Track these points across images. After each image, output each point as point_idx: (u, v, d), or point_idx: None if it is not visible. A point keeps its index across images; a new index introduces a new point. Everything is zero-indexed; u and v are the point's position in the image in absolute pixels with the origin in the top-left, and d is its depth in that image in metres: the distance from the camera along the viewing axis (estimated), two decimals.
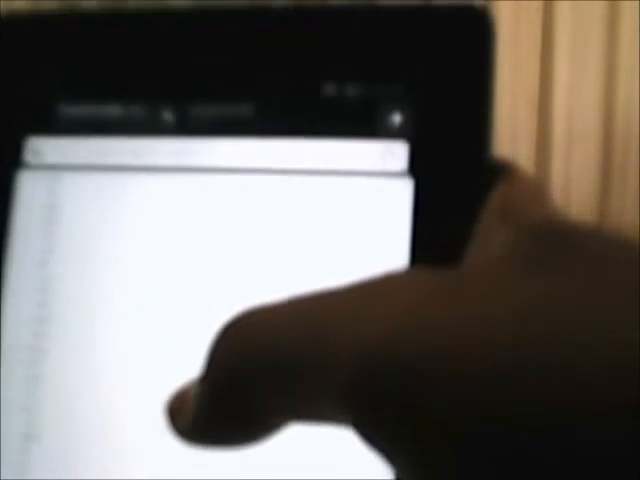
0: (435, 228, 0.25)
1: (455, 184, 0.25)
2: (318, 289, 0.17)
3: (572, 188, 1.73)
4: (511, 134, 1.74)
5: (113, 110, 0.28)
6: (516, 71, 1.69)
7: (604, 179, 1.73)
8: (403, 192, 0.26)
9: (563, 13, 1.67)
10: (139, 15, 0.28)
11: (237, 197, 0.27)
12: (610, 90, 1.69)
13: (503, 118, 1.71)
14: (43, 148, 0.29)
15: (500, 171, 0.24)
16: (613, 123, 1.70)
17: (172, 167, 0.28)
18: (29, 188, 0.29)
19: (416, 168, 0.25)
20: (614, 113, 1.70)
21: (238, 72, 0.27)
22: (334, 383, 0.15)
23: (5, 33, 0.29)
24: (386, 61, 0.26)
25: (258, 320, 0.17)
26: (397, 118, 0.26)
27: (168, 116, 0.28)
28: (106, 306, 0.28)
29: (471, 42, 0.25)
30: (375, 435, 0.15)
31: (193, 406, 0.18)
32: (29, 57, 0.29)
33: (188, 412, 0.19)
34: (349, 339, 0.16)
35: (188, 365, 0.19)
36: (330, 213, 0.26)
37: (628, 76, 1.68)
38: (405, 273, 0.17)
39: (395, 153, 0.26)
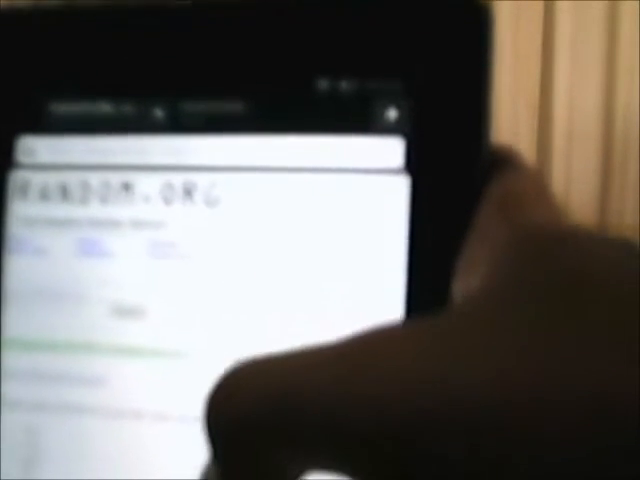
0: (433, 226, 0.25)
1: (453, 180, 0.24)
2: (310, 344, 0.17)
3: (572, 188, 1.73)
4: (511, 134, 1.74)
5: (104, 108, 0.28)
6: (516, 71, 1.68)
7: (604, 179, 1.73)
8: (400, 189, 0.25)
9: (563, 13, 1.67)
10: (129, 12, 0.28)
11: (230, 195, 0.27)
12: (610, 90, 1.69)
13: (503, 118, 1.71)
14: (35, 147, 0.29)
15: (500, 161, 0.24)
16: (613, 123, 1.70)
17: (164, 165, 0.27)
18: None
19: (413, 164, 0.25)
20: (614, 113, 1.70)
21: (230, 68, 0.26)
22: (333, 431, 0.15)
23: None
24: (381, 55, 0.25)
25: (244, 381, 0.17)
26: (393, 113, 0.25)
27: (159, 113, 0.27)
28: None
29: (469, 35, 0.25)
30: None
31: None
32: (19, 56, 0.28)
33: None
34: (348, 389, 0.15)
35: None
36: (325, 211, 0.26)
37: (628, 76, 1.68)
38: (396, 328, 0.17)
39: (391, 149, 0.25)
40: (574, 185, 1.73)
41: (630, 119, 1.69)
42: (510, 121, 1.71)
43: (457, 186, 0.24)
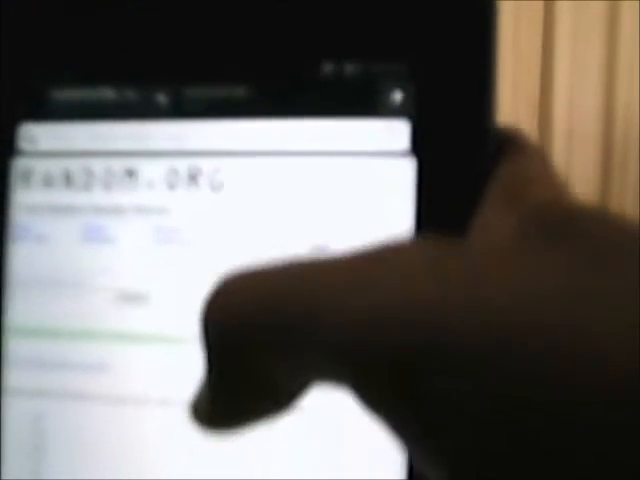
0: (439, 208, 0.24)
1: (459, 162, 0.24)
2: (317, 255, 0.16)
3: (572, 188, 1.73)
4: None
5: (107, 94, 0.28)
6: (516, 71, 1.68)
7: (604, 179, 1.73)
8: (406, 172, 0.25)
9: (563, 13, 1.67)
10: None
11: (234, 180, 0.27)
12: (610, 90, 1.69)
13: (503, 118, 1.71)
14: (37, 134, 0.28)
15: (505, 143, 0.24)
16: (613, 123, 1.70)
17: (168, 151, 0.27)
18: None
19: (419, 147, 0.25)
20: (614, 113, 1.70)
21: (234, 52, 0.26)
22: (334, 344, 0.15)
23: None
24: (386, 38, 0.25)
25: (245, 284, 0.16)
26: (398, 96, 0.25)
27: (163, 99, 0.27)
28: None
29: (473, 17, 0.24)
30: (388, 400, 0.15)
31: (206, 399, 0.18)
32: (20, 42, 0.28)
33: (205, 405, 0.18)
34: (352, 304, 0.15)
35: None
36: (330, 195, 0.26)
37: (628, 76, 1.68)
38: (409, 243, 0.17)
39: (397, 132, 0.25)
40: (574, 185, 1.73)
41: (630, 119, 1.69)
42: (510, 120, 1.71)
43: (463, 168, 0.24)
